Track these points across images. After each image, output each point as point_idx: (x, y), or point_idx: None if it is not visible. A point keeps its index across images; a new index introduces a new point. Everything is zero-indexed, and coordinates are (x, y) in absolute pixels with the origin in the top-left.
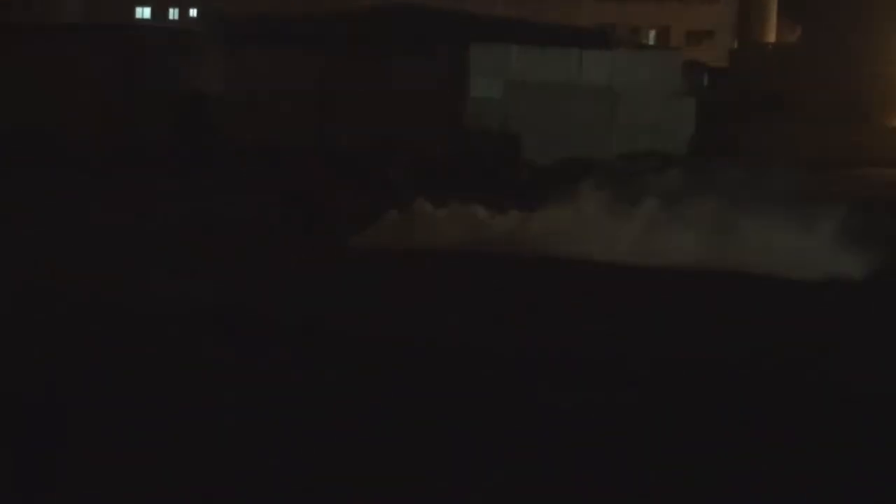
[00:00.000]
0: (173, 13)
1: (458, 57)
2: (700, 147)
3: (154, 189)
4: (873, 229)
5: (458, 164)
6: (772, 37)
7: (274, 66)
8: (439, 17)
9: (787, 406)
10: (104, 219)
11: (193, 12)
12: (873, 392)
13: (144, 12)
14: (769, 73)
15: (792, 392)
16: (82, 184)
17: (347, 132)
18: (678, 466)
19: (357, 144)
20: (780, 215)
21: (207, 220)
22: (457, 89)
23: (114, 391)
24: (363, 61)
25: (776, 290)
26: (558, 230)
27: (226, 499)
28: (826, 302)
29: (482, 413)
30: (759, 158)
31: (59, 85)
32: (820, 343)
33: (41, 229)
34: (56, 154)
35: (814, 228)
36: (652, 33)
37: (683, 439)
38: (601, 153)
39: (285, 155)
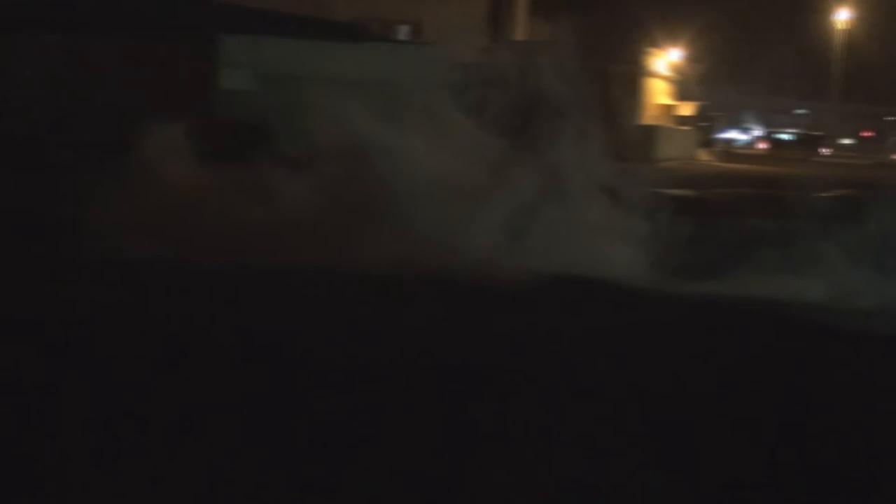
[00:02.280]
0: None
1: (208, 47)
2: None
3: None
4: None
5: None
6: (522, 35)
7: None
8: (188, 5)
9: None
10: None
11: None
12: None
13: None
14: (518, 70)
15: None
16: None
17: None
18: None
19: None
20: None
21: None
22: (205, 80)
23: None
24: (105, 47)
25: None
26: None
27: None
28: None
29: None
30: None
31: None
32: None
33: None
34: None
35: None
36: (405, 28)
37: None
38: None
39: None
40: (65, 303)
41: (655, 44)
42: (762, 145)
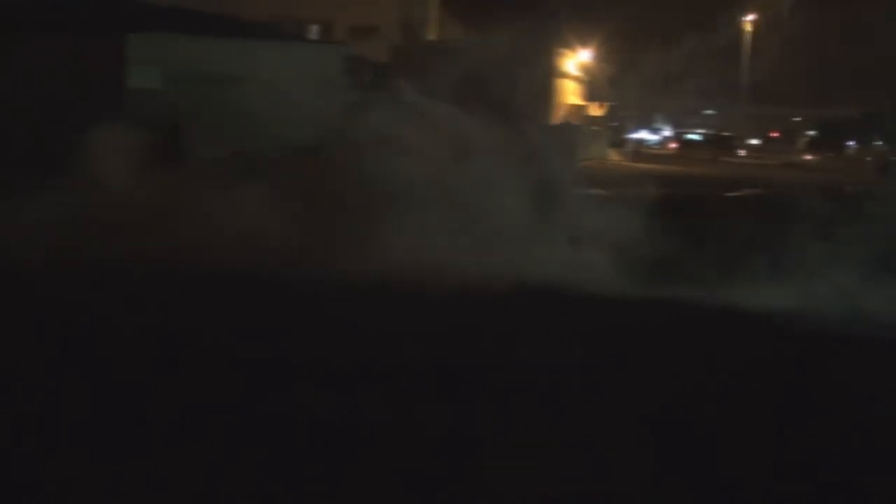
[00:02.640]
0: None
1: (116, 45)
2: None
3: None
4: None
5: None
6: (434, 35)
7: None
8: (97, 3)
9: None
10: None
11: None
12: None
13: None
14: (431, 70)
15: None
16: None
17: None
18: None
19: None
20: None
21: None
22: (114, 79)
23: None
24: (9, 44)
25: None
26: None
27: None
28: None
29: None
30: None
31: None
32: None
33: None
34: None
35: None
36: (316, 27)
37: None
38: (264, 144)
39: None
40: None
41: (566, 45)
42: (672, 145)
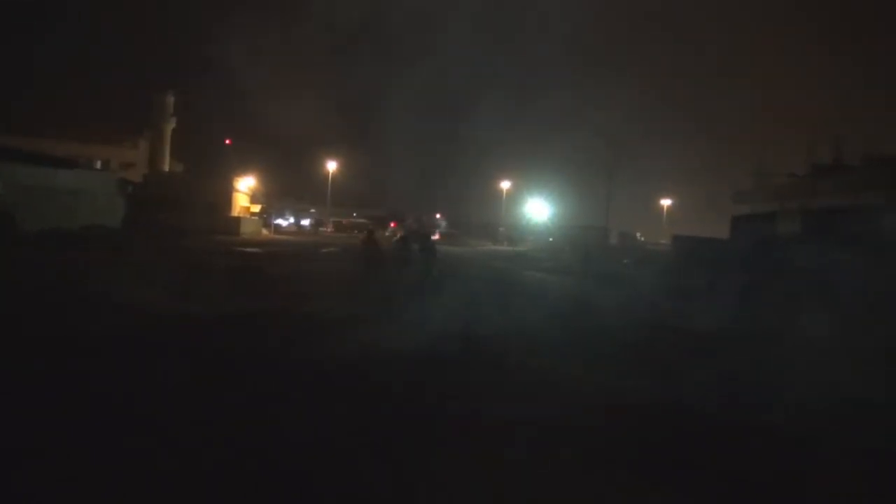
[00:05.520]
0: None
1: None
2: (130, 224)
3: None
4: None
5: None
6: (166, 167)
7: None
8: None
9: None
10: None
11: None
12: None
13: None
14: (167, 186)
15: None
16: None
17: None
18: None
19: None
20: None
21: None
22: None
23: None
24: None
25: None
26: None
27: None
28: None
29: None
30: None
31: None
32: None
33: None
34: None
35: None
36: (99, 162)
37: None
38: (72, 227)
39: None
40: None
41: (239, 173)
42: (292, 226)
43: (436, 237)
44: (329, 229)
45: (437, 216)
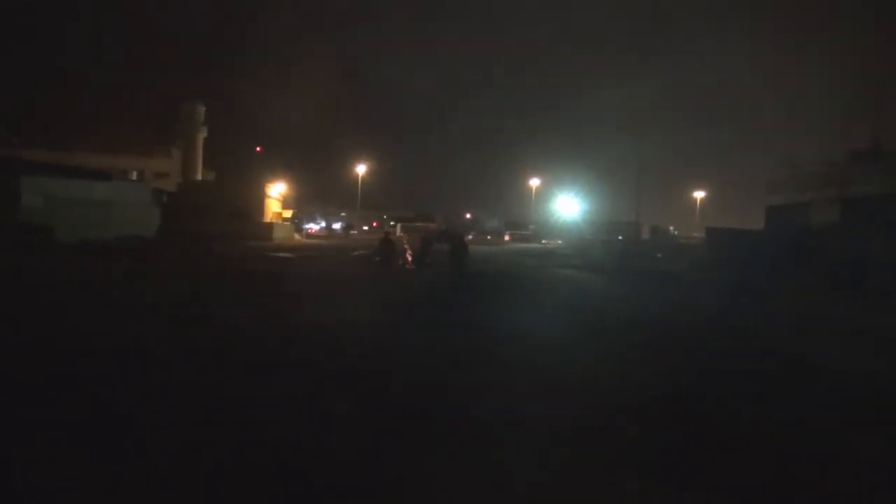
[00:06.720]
0: None
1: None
2: (164, 233)
3: None
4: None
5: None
6: (199, 176)
7: None
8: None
9: None
10: None
11: None
12: None
13: None
14: (200, 195)
15: None
16: None
17: None
18: None
19: None
20: None
21: None
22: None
23: None
24: None
25: None
26: None
27: None
28: None
29: None
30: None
31: None
32: None
33: None
34: None
35: None
36: (134, 173)
37: None
38: (107, 237)
39: None
40: None
41: (270, 179)
42: (323, 230)
43: (469, 237)
44: (357, 231)
45: (468, 216)
